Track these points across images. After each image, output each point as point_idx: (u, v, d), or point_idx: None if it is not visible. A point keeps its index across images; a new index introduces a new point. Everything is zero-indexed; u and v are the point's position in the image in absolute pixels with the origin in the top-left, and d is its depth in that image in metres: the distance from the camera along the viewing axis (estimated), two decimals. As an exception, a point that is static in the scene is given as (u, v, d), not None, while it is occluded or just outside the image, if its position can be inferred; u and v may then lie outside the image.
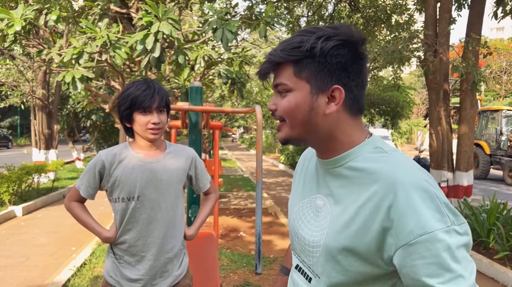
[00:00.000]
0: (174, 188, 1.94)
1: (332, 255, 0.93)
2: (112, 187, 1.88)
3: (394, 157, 0.94)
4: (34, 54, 4.67)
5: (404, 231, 0.81)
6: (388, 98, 12.87)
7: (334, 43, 0.92)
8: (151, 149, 1.90)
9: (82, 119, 15.32)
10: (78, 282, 4.32)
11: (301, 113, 0.96)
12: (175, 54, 4.14)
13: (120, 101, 1.84)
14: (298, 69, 0.94)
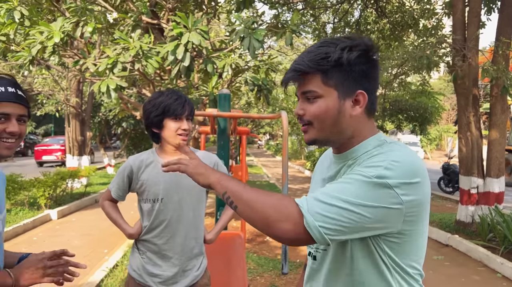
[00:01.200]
0: (195, 192, 2.06)
1: None
2: (140, 189, 2.03)
3: (391, 146, 1.07)
4: (71, 64, 4.92)
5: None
6: (416, 104, 12.69)
7: (357, 53, 1.05)
8: (175, 154, 2.02)
9: (113, 126, 15.76)
10: (110, 283, 4.49)
11: (330, 116, 1.07)
12: (203, 62, 4.28)
13: (150, 108, 1.96)
14: (326, 78, 1.05)
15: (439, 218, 8.25)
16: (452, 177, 13.20)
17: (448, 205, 10.25)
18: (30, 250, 5.92)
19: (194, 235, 2.07)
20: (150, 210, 2.02)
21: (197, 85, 5.82)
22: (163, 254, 2.02)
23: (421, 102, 12.75)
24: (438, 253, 6.27)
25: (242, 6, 4.81)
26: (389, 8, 10.56)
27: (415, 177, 0.99)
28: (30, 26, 4.79)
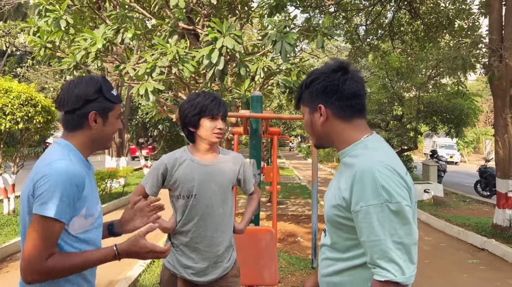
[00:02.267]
0: (225, 188, 2.19)
1: (327, 215, 1.38)
2: (173, 186, 2.14)
3: (369, 152, 1.31)
4: (112, 69, 5.18)
5: (353, 202, 1.23)
6: (451, 106, 12.42)
7: (311, 78, 1.41)
8: (208, 153, 2.16)
9: (150, 128, 16.21)
10: (148, 277, 4.70)
11: (309, 128, 1.45)
12: (237, 66, 4.43)
13: (188, 108, 2.09)
14: (301, 99, 1.46)
15: (475, 222, 8.08)
16: (489, 180, 12.85)
17: (485, 209, 10.00)
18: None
19: (223, 228, 2.19)
20: (183, 205, 2.14)
21: (230, 88, 5.99)
22: (195, 247, 2.15)
23: (457, 103, 12.46)
24: (473, 257, 6.17)
25: (274, 10, 4.93)
26: (423, 9, 10.43)
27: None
28: (75, 33, 5.10)
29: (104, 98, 1.52)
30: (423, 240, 7.24)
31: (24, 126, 7.02)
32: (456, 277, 5.29)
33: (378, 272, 1.17)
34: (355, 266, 1.30)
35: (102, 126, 1.53)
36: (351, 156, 1.34)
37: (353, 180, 1.24)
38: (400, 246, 1.16)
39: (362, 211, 1.20)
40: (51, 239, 1.35)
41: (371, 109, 14.05)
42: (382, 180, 1.19)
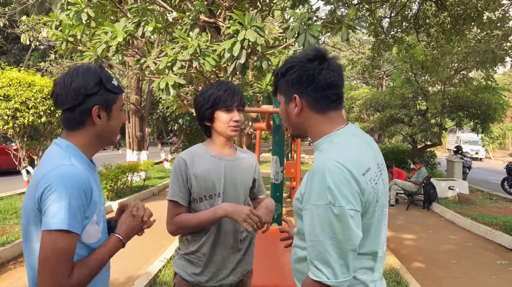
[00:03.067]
0: (247, 187, 2.03)
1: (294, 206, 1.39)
2: (193, 187, 1.90)
3: (329, 149, 1.28)
4: (133, 62, 5.15)
5: (303, 199, 1.25)
6: (478, 101, 12.04)
7: (286, 66, 1.36)
8: (226, 147, 1.99)
9: (170, 123, 16.30)
10: (168, 273, 4.67)
11: (284, 117, 1.43)
12: (258, 60, 4.33)
13: (201, 101, 1.92)
14: (276, 88, 1.42)
15: (502, 221, 7.80)
16: (517, 178, 12.47)
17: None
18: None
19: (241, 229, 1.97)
20: (209, 206, 1.91)
21: (251, 82, 5.89)
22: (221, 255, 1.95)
23: (484, 98, 12.07)
24: (502, 257, 5.94)
25: (297, 2, 4.81)
26: (450, 0, 10.09)
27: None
28: (96, 27, 5.08)
29: (106, 90, 1.38)
30: (449, 239, 7.03)
31: (46, 119, 7.08)
32: (484, 278, 5.10)
33: (313, 271, 1.19)
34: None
35: (106, 121, 1.40)
36: (318, 150, 1.35)
37: (307, 177, 1.27)
38: (338, 250, 1.16)
39: (307, 210, 1.21)
40: (67, 253, 1.23)
41: (394, 103, 13.74)
42: (330, 180, 1.17)
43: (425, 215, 9.15)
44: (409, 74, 13.43)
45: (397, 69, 16.96)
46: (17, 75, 6.93)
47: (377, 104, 14.53)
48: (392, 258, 5.43)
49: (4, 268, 4.93)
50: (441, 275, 5.19)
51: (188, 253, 1.96)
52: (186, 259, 1.96)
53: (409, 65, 12.68)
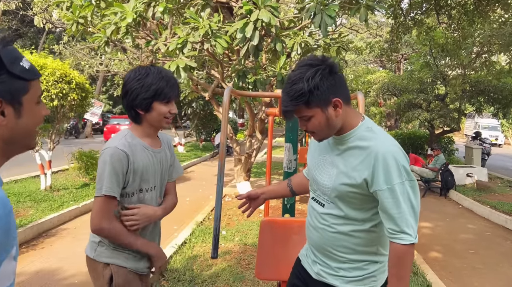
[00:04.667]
0: (166, 178, 2.00)
1: (337, 191, 1.55)
2: (132, 180, 1.79)
3: (379, 136, 1.51)
4: (144, 44, 5.02)
5: (378, 182, 1.44)
6: (500, 85, 11.63)
7: (319, 77, 1.42)
8: (155, 137, 1.92)
9: (184, 107, 16.21)
10: (179, 259, 4.61)
11: (323, 126, 1.50)
12: (272, 41, 4.16)
13: (138, 88, 1.75)
14: (308, 104, 1.45)
15: (524, 210, 7.57)
16: (540, 165, 12.12)
17: (535, 196, 9.38)
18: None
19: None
20: (137, 202, 1.84)
21: (264, 65, 5.72)
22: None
23: (506, 83, 11.66)
24: (523, 248, 5.75)
25: (313, -19, 4.58)
26: (473, -20, 9.65)
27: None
28: (106, 7, 4.94)
29: (10, 76, 0.96)
30: (467, 228, 6.84)
31: (59, 103, 7.03)
32: (504, 270, 4.93)
33: (404, 238, 1.43)
34: (362, 229, 1.57)
35: (14, 118, 0.99)
36: (360, 139, 1.51)
37: (375, 162, 1.44)
38: (415, 215, 1.45)
39: (387, 190, 1.43)
40: None
41: (412, 88, 13.39)
42: (401, 161, 1.44)
43: (442, 202, 8.94)
44: (428, 58, 13.03)
45: (416, 52, 16.48)
46: (29, 57, 6.86)
47: (395, 88, 14.19)
48: (408, 247, 5.28)
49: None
50: (459, 265, 5.03)
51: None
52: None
53: (428, 48, 12.29)
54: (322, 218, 1.62)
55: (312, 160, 1.70)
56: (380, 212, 1.49)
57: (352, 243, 1.57)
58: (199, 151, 17.07)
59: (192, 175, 11.54)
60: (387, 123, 23.80)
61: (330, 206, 1.59)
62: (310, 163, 1.71)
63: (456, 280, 4.56)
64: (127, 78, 1.80)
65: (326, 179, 1.58)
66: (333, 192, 1.56)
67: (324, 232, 1.62)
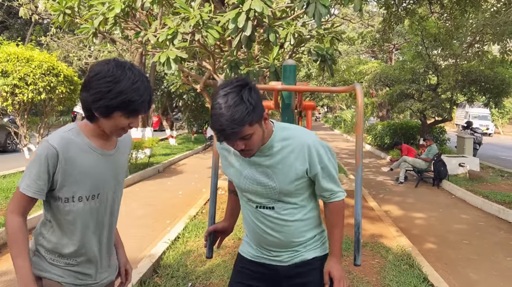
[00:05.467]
0: (122, 184, 1.76)
1: (286, 189, 1.70)
2: (66, 183, 1.54)
3: (295, 132, 1.72)
4: (132, 36, 4.89)
5: (315, 166, 1.68)
6: (492, 75, 11.63)
7: (255, 96, 1.52)
8: (109, 138, 1.64)
9: (175, 99, 16.05)
10: (172, 255, 4.53)
11: (260, 140, 1.60)
12: (265, 32, 4.05)
13: (104, 91, 1.46)
14: (251, 123, 1.51)
15: (518, 199, 7.59)
16: (531, 154, 12.20)
17: (527, 185, 9.43)
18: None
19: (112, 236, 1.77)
20: (81, 210, 1.59)
21: (257, 57, 5.61)
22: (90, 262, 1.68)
23: (498, 73, 11.66)
24: (518, 238, 5.76)
25: (306, -30, 4.47)
26: (466, -32, 9.57)
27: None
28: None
29: None
30: (460, 218, 6.84)
31: (47, 96, 6.88)
32: (498, 260, 4.93)
33: (339, 195, 1.77)
34: (308, 210, 1.79)
35: None
36: (282, 140, 1.68)
37: (309, 152, 1.67)
38: (337, 173, 1.76)
39: (322, 169, 1.70)
40: None
41: (404, 78, 13.35)
42: (322, 143, 1.72)
43: (435, 192, 8.95)
44: (420, 48, 12.98)
45: (407, 42, 16.44)
46: (15, 50, 6.69)
47: (387, 79, 14.15)
48: (403, 239, 5.27)
49: (6, 249, 4.82)
50: (453, 256, 5.02)
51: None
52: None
53: (420, 38, 12.24)
54: (277, 219, 1.74)
55: (240, 178, 1.76)
56: (317, 184, 1.74)
57: (307, 224, 1.79)
58: (191, 144, 16.95)
59: (184, 168, 11.44)
60: (379, 113, 23.83)
61: (279, 205, 1.73)
62: (240, 183, 1.76)
63: (452, 271, 4.54)
64: (96, 72, 1.49)
65: (268, 183, 1.70)
66: (282, 193, 1.71)
67: (284, 230, 1.76)
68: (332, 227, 1.78)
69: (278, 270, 1.82)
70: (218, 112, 1.47)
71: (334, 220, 1.78)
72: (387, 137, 15.81)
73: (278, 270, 1.82)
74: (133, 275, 3.90)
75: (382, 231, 5.70)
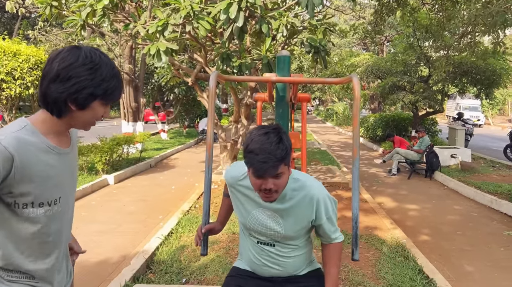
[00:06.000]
0: (76, 185, 1.62)
1: (290, 235, 1.83)
2: (25, 188, 1.35)
3: (307, 183, 1.81)
4: (122, 28, 4.78)
5: (320, 217, 1.81)
6: (483, 66, 11.65)
7: (282, 147, 1.61)
8: (65, 133, 1.49)
9: (166, 93, 15.89)
10: (166, 250, 4.48)
11: (286, 183, 1.73)
12: (258, 23, 3.98)
13: (88, 81, 1.34)
14: (286, 163, 1.63)
15: (507, 189, 7.63)
16: (521, 145, 12.27)
17: (517, 176, 9.50)
18: (88, 214, 6.08)
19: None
20: (43, 217, 1.42)
21: (249, 48, 5.53)
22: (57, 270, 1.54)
23: (489, 64, 11.69)
24: (509, 228, 5.78)
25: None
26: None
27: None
28: (80, -11, 4.67)
29: None
30: (453, 209, 6.86)
31: (35, 91, 6.75)
32: (492, 250, 4.94)
33: (338, 237, 1.88)
34: (306, 249, 1.93)
35: None
36: (293, 190, 1.79)
37: (317, 205, 1.79)
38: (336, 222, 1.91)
39: (327, 219, 1.83)
40: None
41: (396, 70, 13.34)
42: (329, 196, 1.84)
43: (428, 184, 8.98)
44: (412, 39, 12.97)
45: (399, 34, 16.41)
46: (1, 44, 6.54)
47: (378, 71, 14.13)
48: (397, 231, 5.26)
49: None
50: (447, 247, 5.03)
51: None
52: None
53: (412, 29, 12.21)
54: (277, 255, 1.88)
55: (247, 217, 1.85)
56: (320, 230, 1.86)
57: (304, 259, 1.94)
58: (183, 138, 16.84)
59: (177, 163, 11.35)
60: (370, 105, 23.86)
61: (280, 245, 1.87)
62: (247, 221, 1.87)
63: (446, 262, 4.55)
64: (70, 60, 1.33)
65: (275, 228, 1.81)
66: (285, 237, 1.83)
67: (282, 264, 1.89)
68: (331, 267, 1.85)
69: (273, 281, 1.95)
70: (262, 147, 1.57)
71: (334, 259, 1.87)
72: (379, 129, 15.84)
73: (272, 281, 1.95)
74: (126, 272, 3.86)
75: (376, 223, 5.69)
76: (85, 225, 5.54)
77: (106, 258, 4.50)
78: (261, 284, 1.92)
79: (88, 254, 4.60)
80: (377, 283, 3.80)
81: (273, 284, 1.92)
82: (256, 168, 1.58)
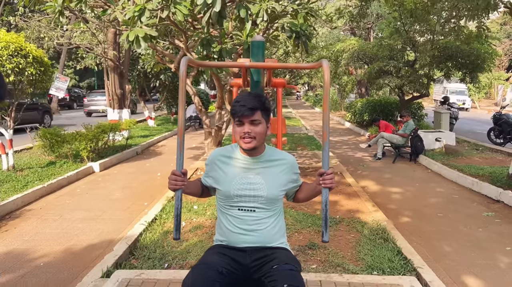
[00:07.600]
0: None
1: (272, 196, 2.05)
2: None
3: (283, 152, 2.21)
4: (100, 13, 4.72)
5: (296, 173, 2.18)
6: (467, 50, 11.72)
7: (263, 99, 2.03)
8: None
9: (152, 79, 15.74)
10: (149, 237, 4.50)
11: (263, 135, 2.00)
12: (236, 7, 3.95)
13: None
14: (263, 112, 2.00)
15: (489, 171, 7.77)
16: (504, 127, 12.45)
17: (499, 158, 9.66)
18: (73, 202, 6.07)
19: None
20: None
21: (231, 33, 5.49)
22: None
23: (473, 48, 11.76)
24: (488, 209, 5.91)
25: None
26: None
27: None
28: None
29: None
30: (436, 191, 6.98)
31: (16, 78, 6.65)
32: (471, 231, 5.05)
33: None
34: (277, 222, 2.13)
35: None
36: (272, 155, 2.12)
37: (291, 167, 2.13)
38: None
39: (296, 174, 2.17)
40: None
41: (382, 55, 13.36)
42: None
43: (412, 167, 9.10)
44: (398, 24, 12.97)
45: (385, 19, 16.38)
46: (-21, 30, 6.41)
47: (365, 56, 14.14)
48: (379, 213, 5.34)
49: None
50: (428, 229, 5.13)
51: None
52: None
53: (398, 13, 12.21)
54: (255, 220, 2.04)
55: (232, 181, 2.04)
56: (293, 184, 2.17)
57: (277, 229, 2.11)
58: (170, 125, 16.77)
59: (163, 150, 11.33)
60: (358, 91, 23.92)
61: (259, 210, 2.04)
62: (231, 186, 2.03)
63: (425, 244, 4.64)
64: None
65: (257, 191, 2.01)
66: (267, 199, 2.03)
67: (258, 230, 2.04)
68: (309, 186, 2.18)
69: (245, 250, 2.06)
70: (243, 97, 1.95)
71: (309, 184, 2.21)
72: (366, 114, 15.92)
73: (245, 251, 2.06)
74: (109, 258, 3.89)
75: (358, 206, 5.77)
76: (70, 213, 5.54)
77: (90, 245, 4.51)
78: (235, 253, 2.05)
79: (72, 241, 4.62)
80: (356, 264, 3.88)
81: (245, 253, 2.04)
82: (236, 110, 1.92)
